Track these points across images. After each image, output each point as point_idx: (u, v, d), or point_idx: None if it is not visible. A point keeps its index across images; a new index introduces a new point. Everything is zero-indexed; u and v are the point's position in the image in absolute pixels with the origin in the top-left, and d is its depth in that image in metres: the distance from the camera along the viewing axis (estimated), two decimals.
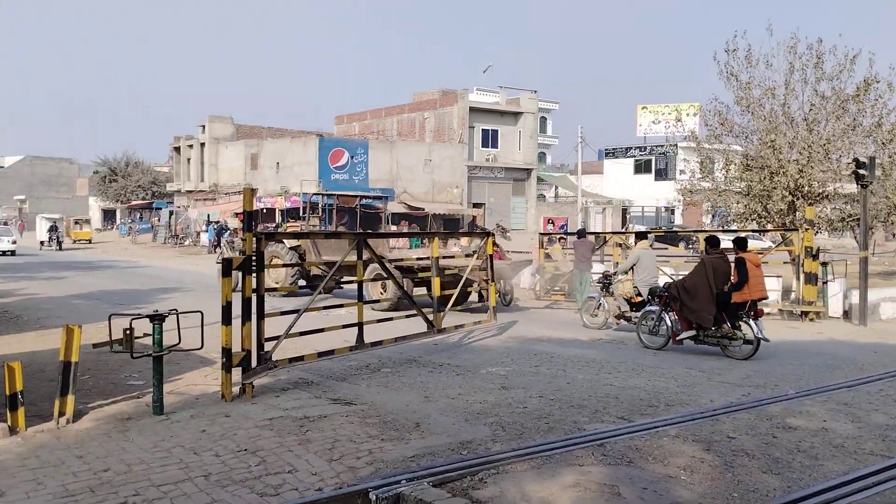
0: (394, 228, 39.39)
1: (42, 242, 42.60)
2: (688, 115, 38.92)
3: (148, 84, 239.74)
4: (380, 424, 6.45)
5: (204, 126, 49.65)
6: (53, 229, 42.93)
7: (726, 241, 11.91)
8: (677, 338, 10.38)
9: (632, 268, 11.85)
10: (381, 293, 15.16)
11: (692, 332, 10.24)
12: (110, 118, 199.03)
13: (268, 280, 17.25)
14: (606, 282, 12.71)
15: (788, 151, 17.34)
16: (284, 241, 17.22)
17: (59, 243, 42.22)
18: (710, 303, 9.95)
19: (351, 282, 10.60)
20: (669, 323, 10.49)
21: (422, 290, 14.83)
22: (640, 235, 13.59)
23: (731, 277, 10.05)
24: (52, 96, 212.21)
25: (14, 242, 35.98)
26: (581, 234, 16.78)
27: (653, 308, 10.84)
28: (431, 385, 8.10)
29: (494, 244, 15.58)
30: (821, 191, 17.66)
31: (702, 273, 10.15)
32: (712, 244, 10.61)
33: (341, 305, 10.00)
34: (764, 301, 10.99)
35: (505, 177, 48.58)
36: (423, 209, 42.11)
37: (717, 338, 10.11)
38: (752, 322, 9.89)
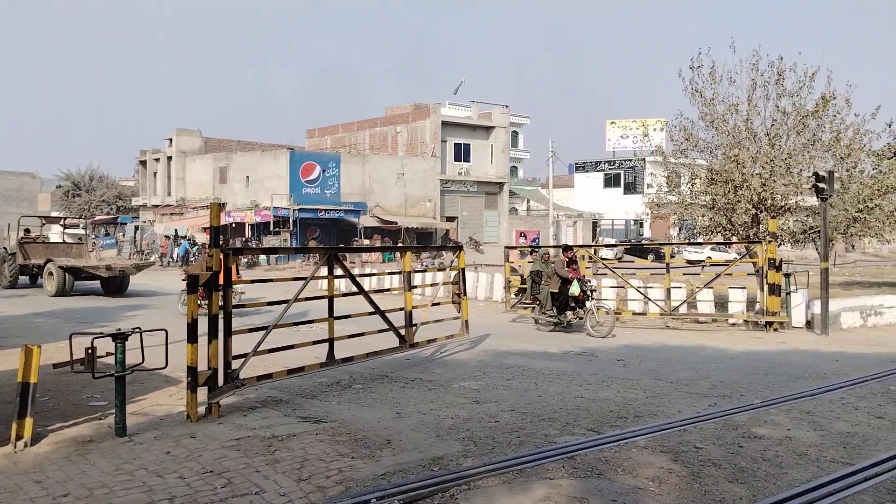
0: (366, 242, 39.31)
1: None
2: (655, 130, 39.61)
3: (113, 96, 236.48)
4: (350, 442, 6.38)
5: (171, 139, 49.09)
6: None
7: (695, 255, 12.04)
8: None
9: None
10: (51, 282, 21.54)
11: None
12: (74, 131, 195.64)
13: None
14: None
15: (751, 166, 17.69)
16: (5, 247, 24.84)
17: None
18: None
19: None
20: None
21: (87, 283, 22.22)
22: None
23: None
24: (13, 108, 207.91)
25: None
26: (566, 249, 16.27)
27: None
28: (403, 401, 8.06)
29: (573, 260, 15.03)
30: (783, 204, 18.03)
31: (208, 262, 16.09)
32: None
33: (312, 321, 9.91)
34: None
35: (477, 190, 48.83)
36: (396, 223, 42.09)
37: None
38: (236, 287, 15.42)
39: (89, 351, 6.62)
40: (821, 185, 14.51)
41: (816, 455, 6.05)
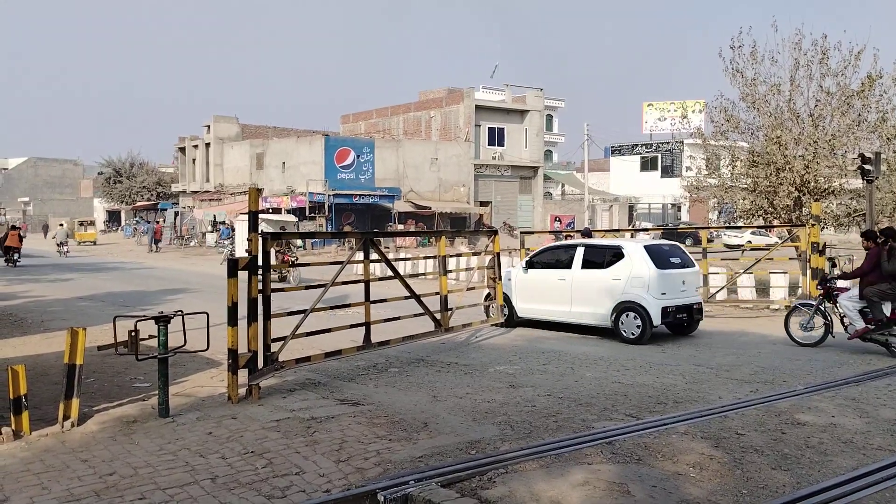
0: (401, 227, 39.43)
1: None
2: (693, 111, 38.74)
3: (152, 84, 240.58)
4: (388, 425, 6.43)
5: (209, 126, 49.72)
6: (286, 245, 21.10)
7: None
8: None
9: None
10: None
11: None
12: (114, 119, 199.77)
13: None
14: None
15: (794, 147, 17.25)
16: None
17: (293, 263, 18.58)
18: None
19: None
20: None
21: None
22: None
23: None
24: (56, 97, 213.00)
25: None
26: (586, 234, 16.29)
27: None
28: (439, 384, 8.08)
29: None
30: (826, 186, 17.55)
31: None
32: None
33: (348, 305, 9.98)
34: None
35: (511, 175, 48.49)
36: (430, 208, 42.08)
37: None
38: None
39: (132, 333, 6.77)
40: (866, 166, 14.10)
41: (862, 442, 5.90)
